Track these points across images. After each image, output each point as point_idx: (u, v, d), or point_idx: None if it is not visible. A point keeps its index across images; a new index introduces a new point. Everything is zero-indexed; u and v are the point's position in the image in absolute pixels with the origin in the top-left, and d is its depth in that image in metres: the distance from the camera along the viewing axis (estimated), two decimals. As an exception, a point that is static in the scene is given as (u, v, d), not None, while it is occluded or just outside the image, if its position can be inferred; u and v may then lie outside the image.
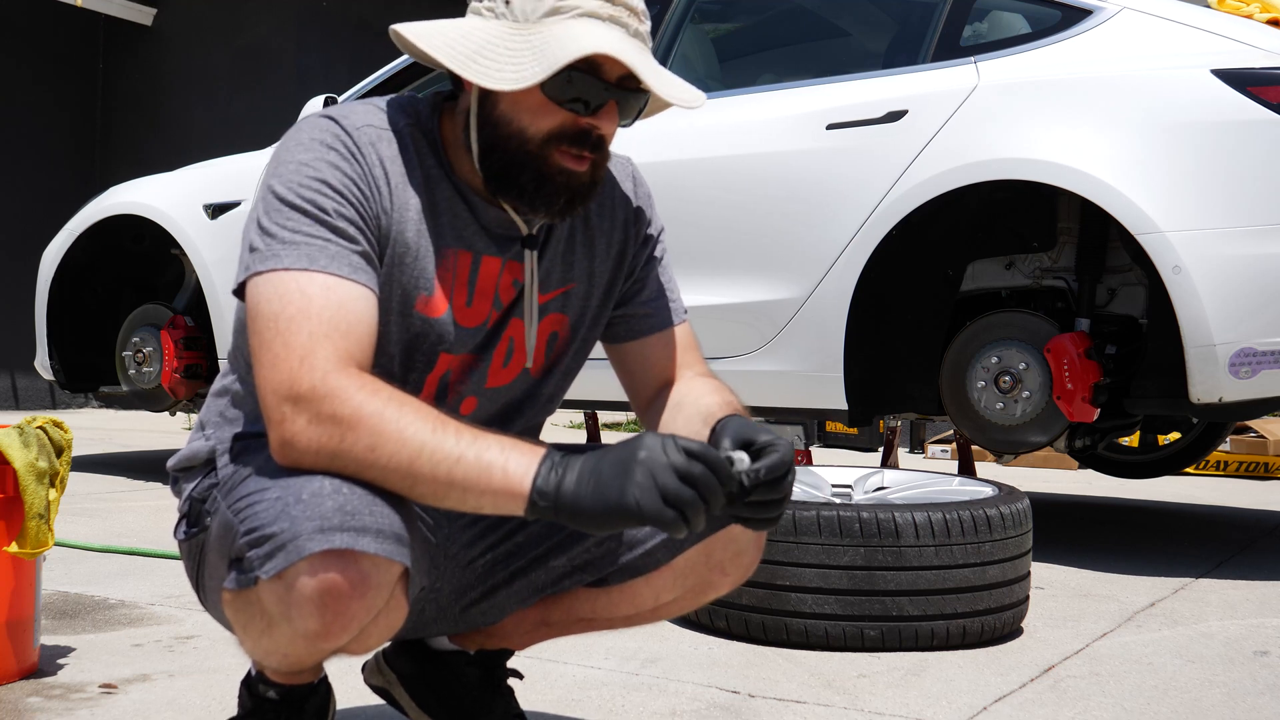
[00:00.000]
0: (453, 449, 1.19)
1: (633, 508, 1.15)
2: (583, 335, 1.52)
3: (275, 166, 1.33)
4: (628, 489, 1.15)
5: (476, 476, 1.19)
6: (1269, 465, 6.10)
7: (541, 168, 1.33)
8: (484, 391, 1.47)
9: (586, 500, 1.16)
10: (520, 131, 1.32)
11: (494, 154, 1.35)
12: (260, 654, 1.32)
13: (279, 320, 1.25)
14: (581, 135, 1.32)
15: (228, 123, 9.47)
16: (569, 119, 1.31)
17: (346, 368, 1.23)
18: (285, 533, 1.18)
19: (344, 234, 1.30)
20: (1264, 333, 2.95)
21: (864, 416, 3.53)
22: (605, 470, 1.17)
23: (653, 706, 1.91)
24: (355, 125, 1.35)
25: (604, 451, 1.19)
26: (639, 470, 1.15)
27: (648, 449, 1.16)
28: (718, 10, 4.24)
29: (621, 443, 1.20)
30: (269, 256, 1.27)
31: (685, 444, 1.16)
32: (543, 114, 1.31)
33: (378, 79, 4.43)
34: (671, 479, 1.14)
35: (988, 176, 3.20)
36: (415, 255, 1.36)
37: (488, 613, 1.56)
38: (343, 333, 1.25)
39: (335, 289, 1.27)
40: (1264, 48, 3.08)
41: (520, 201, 1.36)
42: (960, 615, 2.29)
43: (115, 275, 5.25)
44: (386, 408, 1.20)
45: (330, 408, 1.20)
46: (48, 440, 1.98)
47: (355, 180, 1.32)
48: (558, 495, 1.17)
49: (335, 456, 1.21)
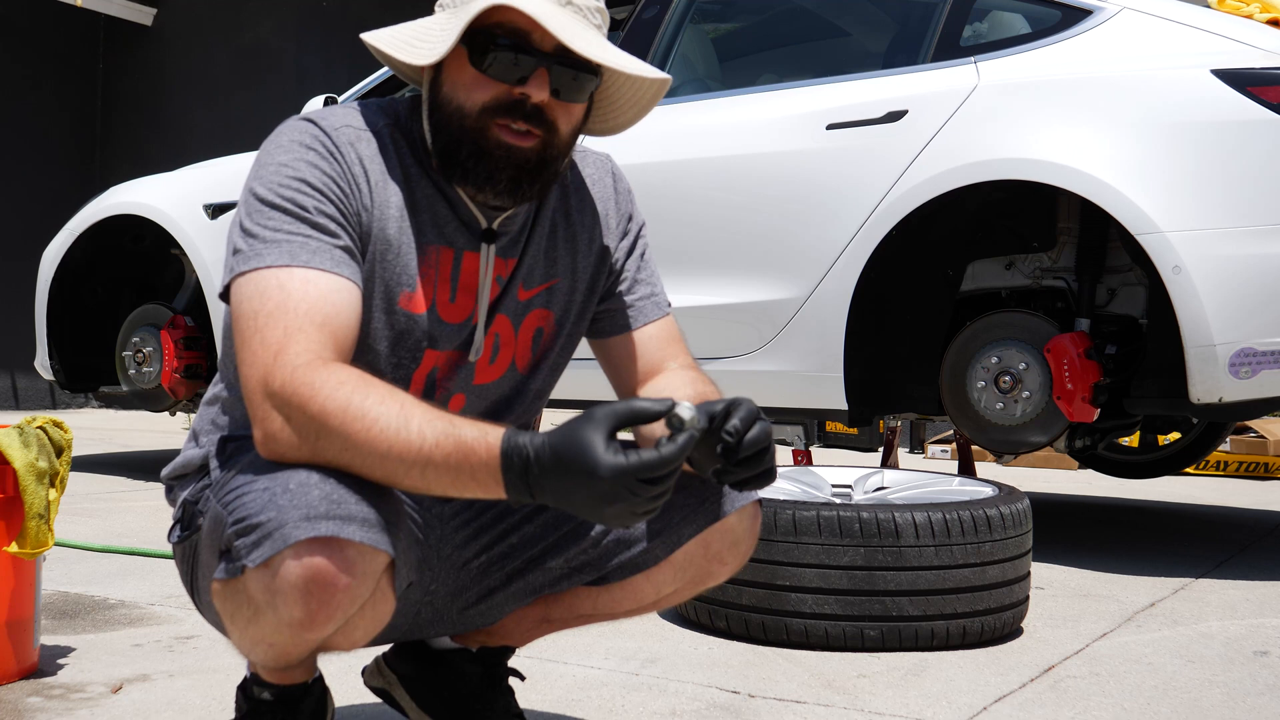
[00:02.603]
0: (420, 444, 1.19)
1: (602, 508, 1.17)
2: (568, 330, 1.54)
3: (256, 170, 1.35)
4: (596, 502, 1.17)
5: (446, 455, 1.19)
6: (1269, 465, 6.10)
7: (479, 141, 1.34)
8: (472, 388, 1.48)
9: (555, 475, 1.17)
10: (459, 108, 1.35)
11: (439, 135, 1.37)
12: (248, 647, 1.32)
13: (258, 317, 1.26)
14: (514, 105, 1.33)
15: (228, 123, 9.47)
16: (501, 90, 1.33)
17: (315, 361, 1.24)
18: (272, 521, 1.19)
19: (324, 229, 1.31)
20: (1264, 333, 2.94)
21: (864, 416, 3.53)
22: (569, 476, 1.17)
23: (653, 706, 1.91)
24: (333, 126, 1.37)
25: (563, 433, 1.18)
26: (595, 486, 1.16)
27: (593, 471, 1.15)
28: (718, 10, 4.24)
29: (569, 436, 1.18)
30: (251, 256, 1.30)
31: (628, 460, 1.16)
32: (476, 88, 1.34)
33: (378, 79, 4.43)
34: (626, 499, 1.16)
35: (988, 176, 3.20)
36: (397, 252, 1.38)
37: (486, 613, 1.56)
38: (318, 324, 1.26)
39: (315, 282, 1.29)
40: (1264, 48, 3.08)
41: (466, 182, 1.38)
42: (960, 615, 2.29)
43: (115, 275, 5.25)
44: (351, 399, 1.21)
45: (299, 403, 1.22)
46: (48, 440, 1.98)
47: (335, 178, 1.34)
48: (526, 467, 1.18)
49: (315, 452, 1.22)
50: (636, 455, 1.16)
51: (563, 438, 1.18)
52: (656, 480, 1.17)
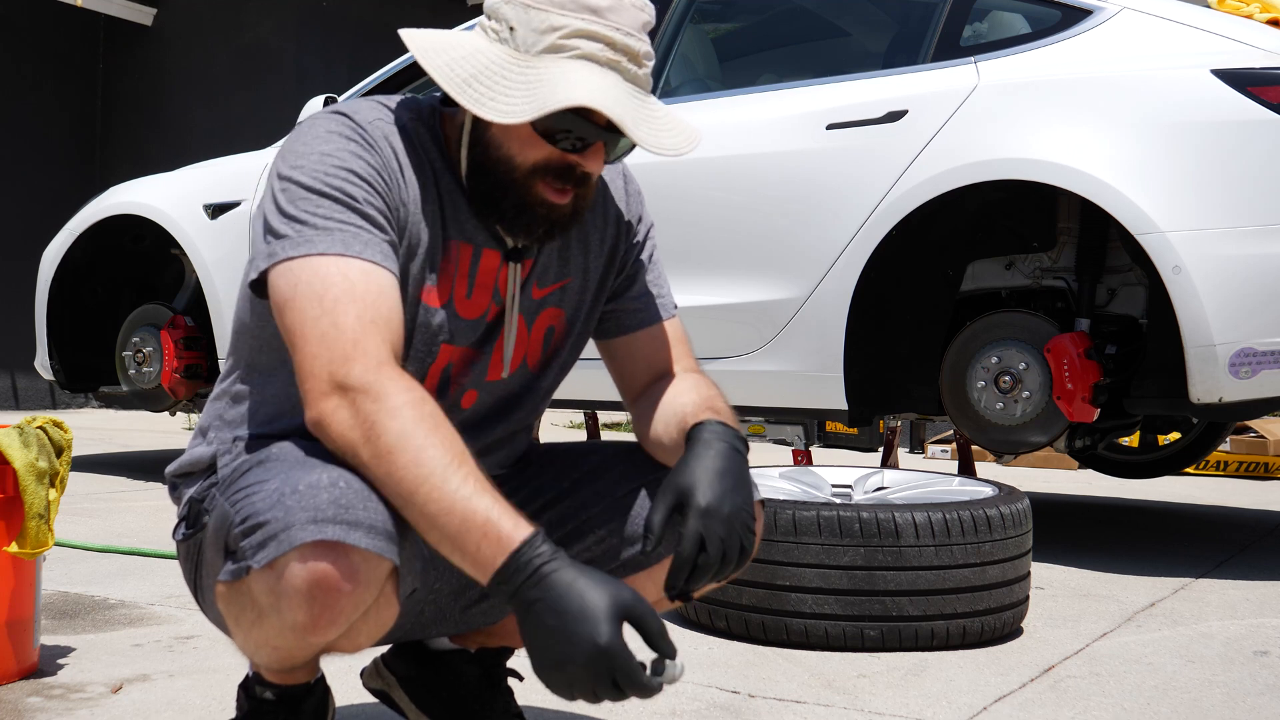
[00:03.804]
0: (453, 493, 1.18)
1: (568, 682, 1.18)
2: (578, 330, 1.54)
3: (293, 160, 1.33)
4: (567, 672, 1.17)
5: (460, 530, 1.18)
6: (1269, 465, 6.10)
7: (524, 196, 1.35)
8: (484, 385, 1.48)
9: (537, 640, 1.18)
10: (508, 159, 1.34)
11: (480, 176, 1.37)
12: (252, 649, 1.32)
13: (324, 300, 1.24)
14: (566, 171, 1.34)
15: (228, 123, 9.47)
16: (556, 154, 1.33)
17: (394, 364, 1.24)
18: (278, 522, 1.19)
19: (374, 222, 1.31)
20: (1264, 333, 2.94)
21: (864, 416, 3.53)
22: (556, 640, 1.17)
23: (653, 706, 1.91)
24: (367, 120, 1.37)
25: (567, 590, 1.17)
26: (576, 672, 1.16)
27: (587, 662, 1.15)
28: (718, 10, 4.24)
29: (596, 585, 1.18)
30: (301, 242, 1.27)
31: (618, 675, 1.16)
32: (531, 146, 1.33)
33: (378, 79, 4.43)
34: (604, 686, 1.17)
35: (988, 176, 3.20)
36: (423, 247, 1.38)
37: (488, 612, 1.57)
38: (385, 319, 1.26)
39: (374, 275, 1.28)
40: (1264, 48, 3.08)
41: (501, 224, 1.39)
42: (960, 615, 2.29)
43: (115, 275, 5.25)
44: (419, 428, 1.20)
45: (371, 406, 1.21)
46: (48, 440, 1.98)
47: (379, 170, 1.33)
48: (517, 591, 1.18)
49: (355, 452, 1.22)
50: (630, 658, 1.16)
51: (590, 580, 1.18)
52: (620, 688, 1.17)
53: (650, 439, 1.50)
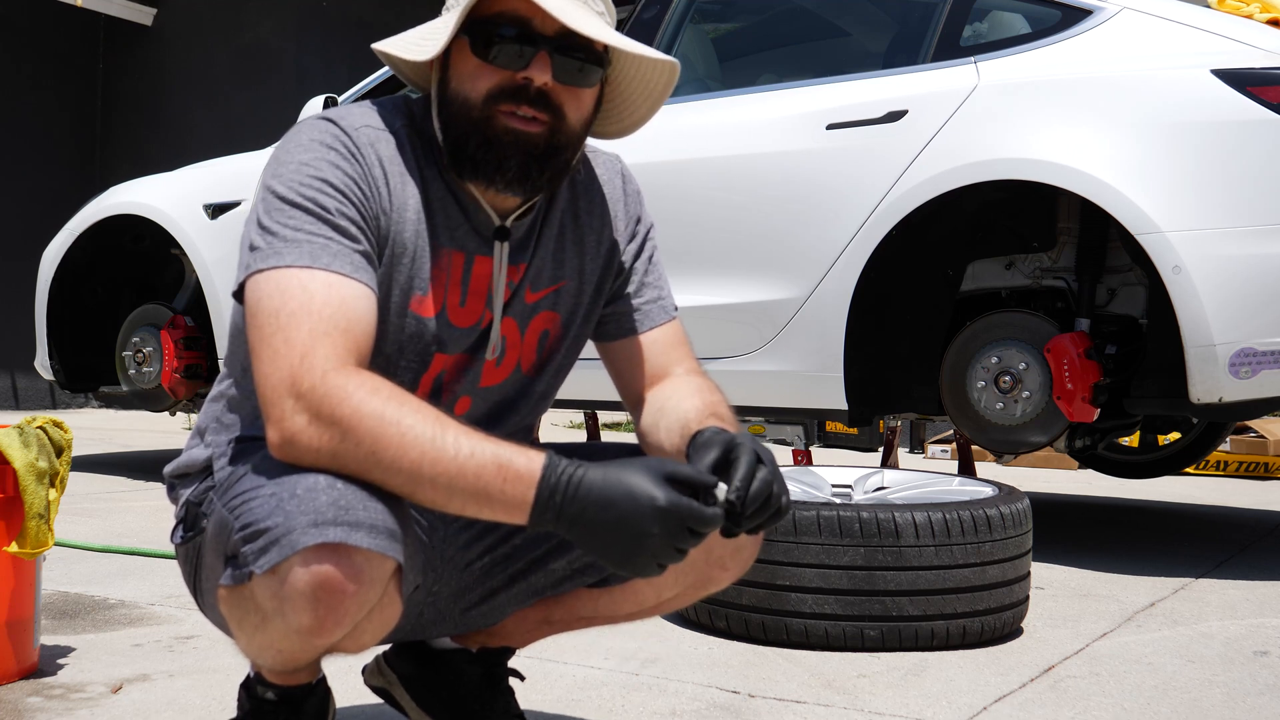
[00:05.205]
0: (455, 454, 1.19)
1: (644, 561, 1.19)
2: (574, 333, 1.53)
3: (275, 168, 1.34)
4: (637, 547, 1.18)
5: (479, 483, 1.19)
6: (1269, 465, 6.10)
7: (486, 130, 1.34)
8: (478, 391, 1.47)
9: (594, 525, 1.19)
10: (465, 99, 1.35)
11: (449, 130, 1.37)
12: (255, 651, 1.32)
13: (280, 316, 1.25)
14: (518, 90, 1.33)
15: (228, 123, 9.47)
16: (504, 76, 1.34)
17: (346, 366, 1.23)
18: (279, 527, 1.18)
19: (346, 232, 1.30)
20: (1264, 333, 2.94)
21: (864, 416, 3.53)
22: (610, 520, 1.18)
23: (653, 706, 1.91)
24: (354, 126, 1.36)
25: (605, 483, 1.19)
26: (642, 538, 1.17)
27: (644, 519, 1.17)
28: (718, 10, 4.24)
29: (624, 465, 1.20)
30: (270, 254, 1.28)
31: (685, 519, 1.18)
32: (480, 76, 1.34)
33: (378, 79, 4.43)
34: (669, 552, 1.18)
35: (988, 176, 3.20)
36: (412, 255, 1.37)
37: (489, 614, 1.56)
38: (343, 330, 1.25)
39: (337, 286, 1.27)
40: (1264, 48, 3.08)
41: (476, 175, 1.37)
42: (960, 615, 2.29)
43: (115, 275, 5.25)
44: (386, 407, 1.20)
45: (330, 407, 1.20)
46: (48, 440, 1.98)
47: (356, 180, 1.33)
48: (560, 511, 1.19)
49: (335, 456, 1.21)
50: (692, 503, 1.17)
51: (616, 465, 1.19)
52: (696, 534, 1.18)
53: (652, 444, 1.50)
